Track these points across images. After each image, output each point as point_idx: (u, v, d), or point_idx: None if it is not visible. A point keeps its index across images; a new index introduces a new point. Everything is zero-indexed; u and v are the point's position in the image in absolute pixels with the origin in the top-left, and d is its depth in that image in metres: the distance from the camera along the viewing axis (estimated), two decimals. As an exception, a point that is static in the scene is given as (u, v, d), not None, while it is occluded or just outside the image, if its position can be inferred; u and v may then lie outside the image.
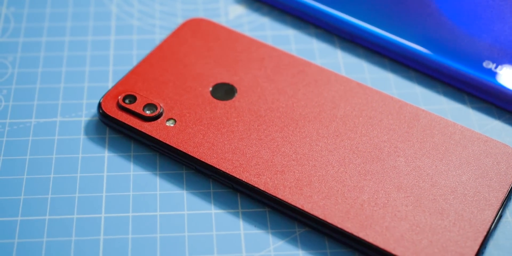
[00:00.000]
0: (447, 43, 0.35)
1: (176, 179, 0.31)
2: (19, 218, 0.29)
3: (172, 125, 0.32)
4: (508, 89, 0.33)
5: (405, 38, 0.35)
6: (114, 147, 0.32)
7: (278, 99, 0.33)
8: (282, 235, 0.29)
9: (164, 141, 0.31)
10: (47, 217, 0.29)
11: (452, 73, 0.34)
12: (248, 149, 0.31)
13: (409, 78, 0.35)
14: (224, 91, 0.33)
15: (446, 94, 0.35)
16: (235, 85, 0.33)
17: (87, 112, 0.33)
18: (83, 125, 0.33)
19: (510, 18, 0.36)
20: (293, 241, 0.29)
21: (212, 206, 0.30)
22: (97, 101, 0.33)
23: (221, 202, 0.30)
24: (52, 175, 0.31)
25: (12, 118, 0.33)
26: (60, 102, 0.33)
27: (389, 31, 0.35)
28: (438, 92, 0.35)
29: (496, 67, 0.34)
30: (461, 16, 0.36)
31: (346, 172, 0.30)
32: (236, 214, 0.30)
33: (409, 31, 0.35)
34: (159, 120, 0.32)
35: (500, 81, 0.34)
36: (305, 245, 0.29)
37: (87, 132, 0.32)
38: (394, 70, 0.35)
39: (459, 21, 0.36)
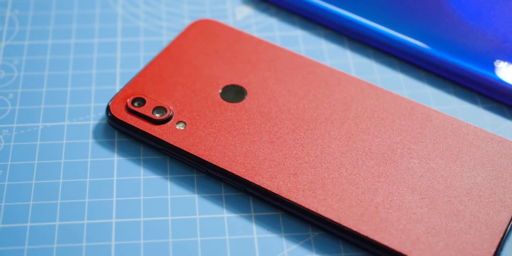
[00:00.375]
0: (458, 42, 0.34)
1: (187, 183, 0.30)
2: (28, 224, 0.29)
3: (182, 128, 0.31)
4: (521, 89, 0.33)
5: (415, 37, 0.35)
6: (123, 151, 0.31)
7: (288, 100, 0.32)
8: (296, 238, 0.29)
9: (174, 145, 0.30)
10: (57, 223, 0.29)
11: (463, 73, 0.34)
12: (260, 151, 0.30)
13: (420, 78, 0.35)
14: (234, 93, 0.32)
15: (457, 94, 0.34)
16: (245, 87, 0.33)
17: (95, 115, 0.33)
18: (91, 128, 0.32)
19: (521, 17, 0.36)
20: (307, 244, 0.29)
21: (224, 210, 0.30)
22: (105, 104, 0.33)
23: (233, 206, 0.30)
24: (61, 180, 0.30)
25: (19, 122, 0.32)
26: (68, 106, 0.33)
27: (399, 31, 0.35)
28: (449, 92, 0.34)
29: (507, 66, 0.34)
30: (472, 15, 0.36)
31: (359, 174, 0.30)
32: (249, 218, 0.29)
33: (419, 31, 0.35)
34: (169, 123, 0.31)
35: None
36: (319, 249, 0.29)
37: (95, 136, 0.32)
38: (404, 70, 0.35)
39: (470, 20, 0.35)
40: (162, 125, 0.31)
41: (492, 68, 0.34)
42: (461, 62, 0.34)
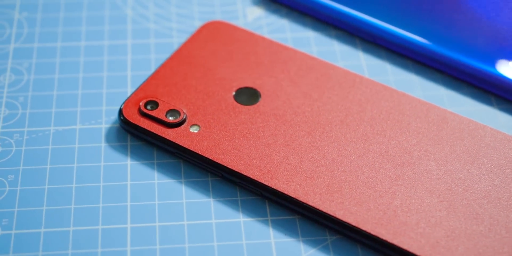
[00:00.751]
0: (472, 43, 0.34)
1: (202, 187, 0.30)
2: (42, 230, 0.28)
3: (196, 131, 0.31)
4: (537, 90, 0.33)
5: (429, 38, 0.34)
6: (136, 154, 0.31)
7: (303, 103, 0.32)
8: (314, 243, 0.29)
9: (189, 148, 0.30)
10: (71, 228, 0.28)
11: (478, 74, 0.34)
12: (276, 155, 0.30)
13: (434, 80, 0.35)
14: (247, 96, 0.32)
15: (472, 95, 0.34)
16: (259, 89, 0.32)
17: (107, 119, 0.32)
18: (103, 132, 0.32)
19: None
20: (325, 249, 0.28)
21: (241, 214, 0.29)
22: (117, 108, 0.32)
23: (249, 210, 0.29)
24: (74, 185, 0.30)
25: (30, 127, 0.32)
26: (79, 109, 0.32)
27: (412, 31, 0.35)
28: (464, 93, 0.34)
29: (522, 67, 0.33)
30: (487, 15, 0.35)
31: (376, 177, 0.30)
32: (265, 222, 0.29)
33: (433, 32, 0.35)
34: (182, 126, 0.31)
35: (528, 81, 0.33)
36: (337, 253, 0.28)
37: (108, 139, 0.31)
38: (418, 72, 0.35)
39: (484, 20, 0.35)
40: (176, 129, 0.31)
41: (507, 68, 0.33)
42: (476, 63, 0.34)
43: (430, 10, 0.35)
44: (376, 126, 0.31)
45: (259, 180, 0.29)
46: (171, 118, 0.31)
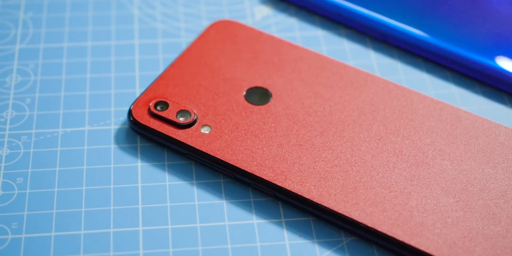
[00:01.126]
0: (483, 41, 0.34)
1: (214, 189, 0.30)
2: (52, 233, 0.28)
3: (207, 132, 0.30)
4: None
5: (440, 37, 0.34)
6: (146, 156, 0.30)
7: (315, 102, 0.32)
8: (329, 244, 0.28)
9: (200, 149, 0.30)
10: (82, 232, 0.28)
11: (490, 72, 0.33)
12: (289, 155, 0.30)
13: (445, 78, 0.34)
14: (258, 96, 0.32)
15: (484, 94, 0.34)
16: (270, 88, 0.32)
17: (116, 120, 0.32)
18: (112, 134, 0.31)
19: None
20: (341, 250, 0.28)
21: (254, 216, 0.29)
22: (126, 109, 0.32)
23: (262, 211, 0.29)
24: (84, 187, 0.29)
25: (38, 128, 0.31)
26: (87, 110, 0.32)
27: (423, 30, 0.34)
28: (476, 92, 0.34)
29: (535, 65, 0.33)
30: (499, 12, 0.35)
31: (391, 177, 0.29)
32: (279, 224, 0.29)
33: (444, 30, 0.34)
34: (193, 127, 0.30)
35: (541, 79, 0.33)
36: (353, 255, 0.28)
37: (117, 141, 0.31)
38: (429, 70, 0.34)
39: (497, 18, 0.35)
40: (187, 129, 0.30)
41: (518, 66, 0.33)
42: (488, 61, 0.33)
43: (441, 8, 0.35)
44: (389, 126, 0.31)
45: (272, 181, 0.29)
46: (181, 119, 0.30)
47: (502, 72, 0.33)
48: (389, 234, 0.27)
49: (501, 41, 0.34)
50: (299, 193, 0.28)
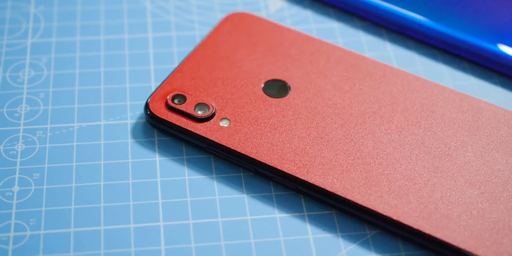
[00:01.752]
0: (501, 31, 0.33)
1: (234, 183, 0.29)
2: (71, 229, 0.27)
3: (226, 125, 0.30)
4: None
5: (457, 28, 0.34)
6: (164, 150, 0.30)
7: (334, 94, 0.31)
8: (353, 238, 0.28)
9: (220, 143, 0.29)
10: (102, 227, 0.27)
11: (509, 63, 0.33)
12: (310, 148, 0.29)
13: (463, 69, 0.34)
14: (277, 88, 0.31)
15: (503, 84, 0.33)
16: (288, 81, 0.31)
17: (132, 114, 0.31)
18: (129, 128, 0.31)
19: None
20: (365, 244, 0.28)
21: (276, 210, 0.28)
22: (142, 102, 0.31)
23: (284, 205, 0.28)
24: (102, 182, 0.29)
25: (53, 123, 0.31)
26: (103, 104, 0.31)
27: (439, 21, 0.34)
28: (494, 83, 0.33)
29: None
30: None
31: (415, 169, 0.29)
32: (302, 218, 0.28)
33: (461, 20, 0.34)
34: (212, 120, 0.30)
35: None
36: (378, 248, 0.27)
37: (134, 135, 0.30)
38: (446, 62, 0.34)
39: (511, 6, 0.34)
40: (206, 123, 0.30)
41: (537, 57, 0.33)
42: (506, 52, 0.33)
43: (458, -1, 0.35)
44: (410, 117, 0.30)
45: (294, 174, 0.28)
46: (199, 112, 0.30)
47: (521, 63, 0.33)
48: (415, 226, 0.27)
49: (519, 31, 0.33)
50: (323, 187, 0.28)
